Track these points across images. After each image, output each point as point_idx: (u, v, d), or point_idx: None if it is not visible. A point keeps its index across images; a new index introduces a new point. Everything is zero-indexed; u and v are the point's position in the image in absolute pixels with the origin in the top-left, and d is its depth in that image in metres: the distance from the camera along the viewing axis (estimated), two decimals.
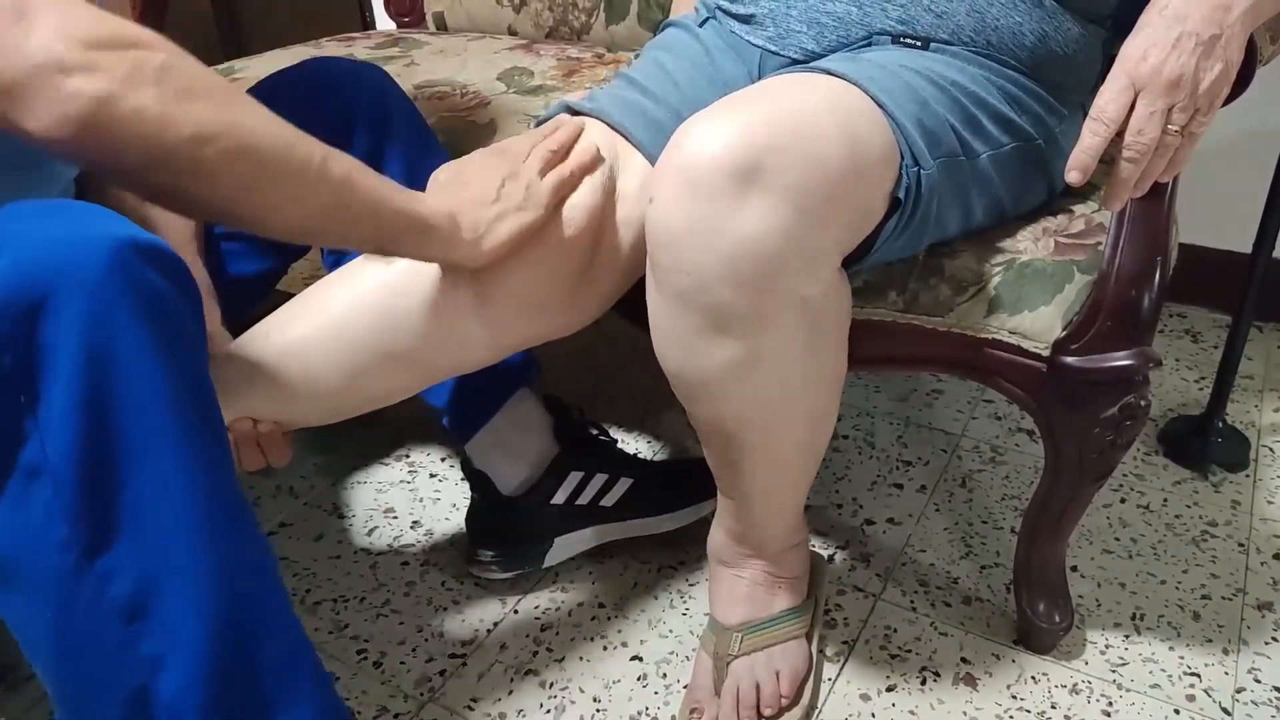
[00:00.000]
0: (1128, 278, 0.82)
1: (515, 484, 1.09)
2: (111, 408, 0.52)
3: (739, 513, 0.93)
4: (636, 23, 1.44)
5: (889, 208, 0.77)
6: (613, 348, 0.81)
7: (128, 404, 0.53)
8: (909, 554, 1.15)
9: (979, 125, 0.82)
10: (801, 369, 0.79)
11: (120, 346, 0.53)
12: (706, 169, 0.68)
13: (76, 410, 0.51)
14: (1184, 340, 1.56)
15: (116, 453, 0.53)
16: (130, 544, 0.54)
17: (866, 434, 1.36)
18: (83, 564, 0.53)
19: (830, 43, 0.88)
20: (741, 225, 0.69)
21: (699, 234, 0.70)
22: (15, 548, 0.53)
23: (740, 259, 0.69)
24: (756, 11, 0.92)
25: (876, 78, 0.78)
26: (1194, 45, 0.71)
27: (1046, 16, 0.85)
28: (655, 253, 0.73)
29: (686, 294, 0.72)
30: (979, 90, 0.83)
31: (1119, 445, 0.86)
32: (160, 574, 0.54)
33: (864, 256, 0.80)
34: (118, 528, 0.53)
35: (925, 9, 0.85)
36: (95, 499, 0.53)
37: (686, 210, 0.70)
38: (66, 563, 0.53)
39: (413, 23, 1.69)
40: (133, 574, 0.54)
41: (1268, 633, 1.03)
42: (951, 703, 0.97)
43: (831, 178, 0.70)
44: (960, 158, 0.81)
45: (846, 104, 0.74)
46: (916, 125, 0.77)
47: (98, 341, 0.52)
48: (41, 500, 0.52)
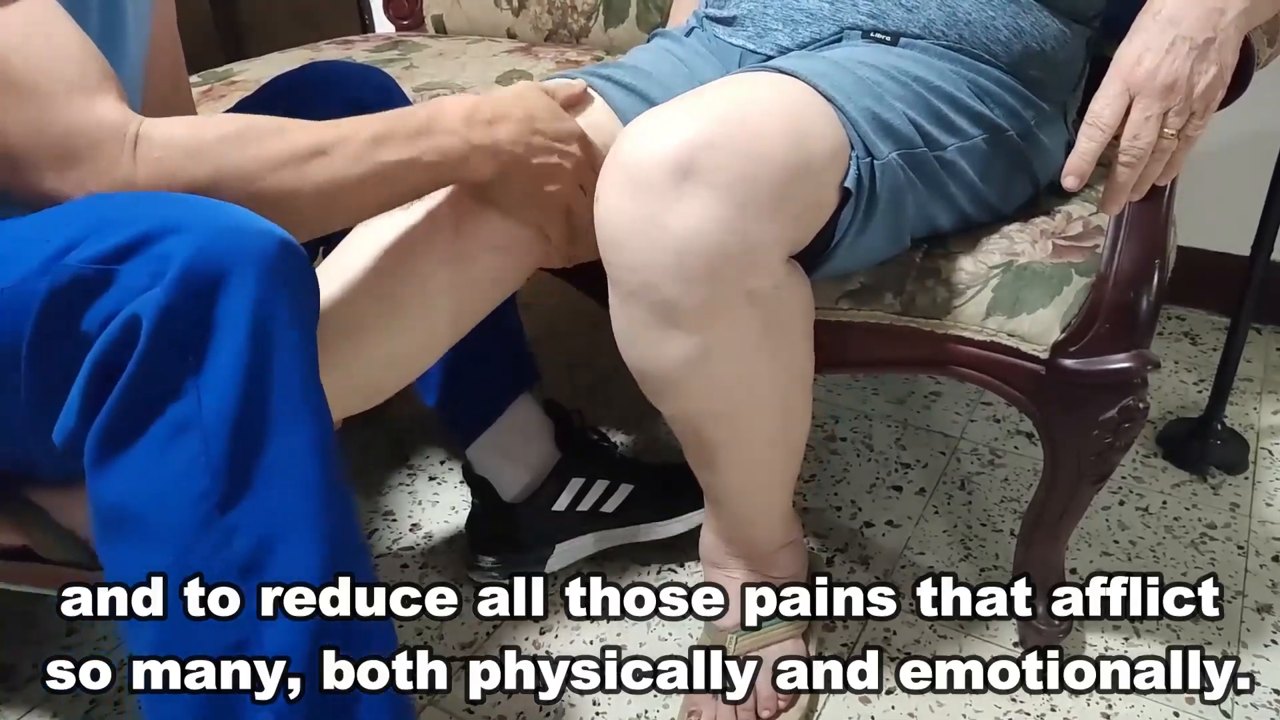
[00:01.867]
0: (1126, 280, 0.82)
1: (517, 490, 1.09)
2: (268, 377, 0.58)
3: (722, 513, 0.93)
4: (635, 26, 1.44)
5: (842, 199, 0.77)
6: (609, 351, 0.81)
7: (280, 375, 0.59)
8: (908, 556, 1.15)
9: (944, 118, 0.82)
10: (760, 363, 0.80)
11: (278, 325, 0.59)
12: (645, 166, 0.70)
13: (240, 376, 0.57)
14: (1183, 342, 1.56)
15: (264, 418, 0.58)
16: (257, 504, 0.58)
17: (865, 436, 1.36)
18: (213, 516, 0.57)
19: (803, 38, 0.89)
20: (681, 220, 0.69)
21: (641, 230, 0.71)
22: (148, 496, 0.57)
23: (682, 254, 0.70)
24: (738, 13, 0.94)
25: (828, 73, 0.79)
26: (1188, 49, 0.72)
27: (1021, 12, 0.85)
28: (605, 251, 0.75)
29: (636, 290, 0.74)
30: (945, 84, 0.83)
31: (1117, 447, 0.86)
32: (279, 535, 0.59)
33: (827, 251, 0.81)
34: (250, 487, 0.58)
35: (896, 4, 0.86)
36: (238, 457, 0.57)
37: (628, 207, 0.71)
38: (198, 514, 0.57)
39: (412, 25, 1.69)
40: (255, 532, 0.58)
41: (1267, 635, 1.03)
42: (951, 705, 0.97)
43: (773, 172, 0.71)
44: (921, 149, 0.81)
45: (792, 100, 0.75)
46: (869, 118, 0.78)
47: (263, 318, 0.58)
48: (187, 453, 0.57)
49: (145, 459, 0.57)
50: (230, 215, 0.60)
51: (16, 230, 0.60)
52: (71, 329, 0.57)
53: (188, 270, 0.56)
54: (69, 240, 0.57)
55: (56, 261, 0.57)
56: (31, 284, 0.57)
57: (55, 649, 1.07)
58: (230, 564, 0.58)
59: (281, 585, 0.59)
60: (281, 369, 0.59)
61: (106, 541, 0.60)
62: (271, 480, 0.59)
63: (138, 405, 0.57)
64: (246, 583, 0.58)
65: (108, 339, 0.56)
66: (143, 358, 0.56)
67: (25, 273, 0.57)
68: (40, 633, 1.09)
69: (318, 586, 0.59)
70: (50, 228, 0.59)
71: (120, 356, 0.56)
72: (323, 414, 0.62)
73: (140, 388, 0.56)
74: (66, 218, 0.60)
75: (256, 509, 0.58)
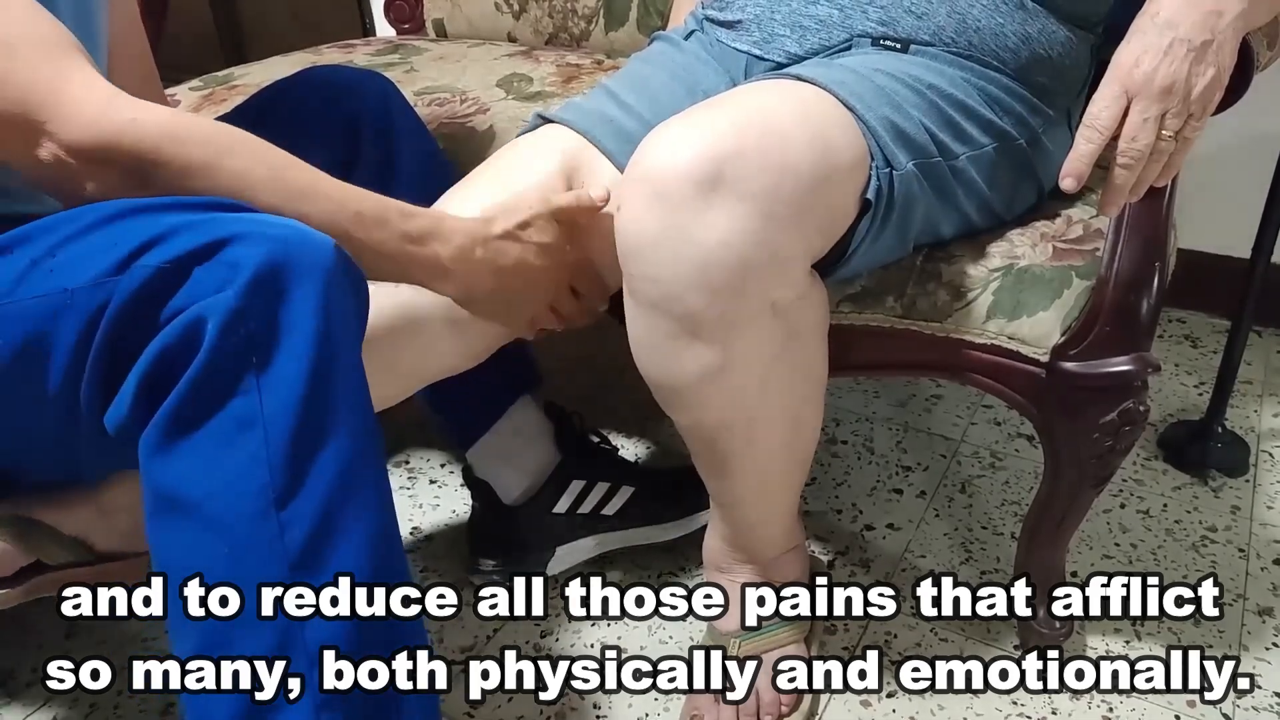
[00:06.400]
0: (1126, 283, 0.82)
1: (517, 493, 1.09)
2: (329, 380, 0.61)
3: (729, 518, 0.93)
4: (636, 29, 1.45)
5: (860, 209, 0.77)
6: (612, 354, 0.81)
7: (340, 378, 0.62)
8: (909, 559, 1.15)
9: (956, 127, 0.82)
10: (778, 374, 0.79)
11: (339, 329, 0.62)
12: (671, 177, 0.69)
13: (305, 376, 0.60)
14: (1183, 345, 1.56)
15: (324, 419, 0.61)
16: (312, 501, 0.60)
17: (866, 439, 1.36)
18: (270, 510, 0.59)
19: (812, 45, 0.89)
20: (708, 232, 0.69)
21: (666, 242, 0.70)
22: (210, 484, 0.59)
23: (708, 266, 0.70)
24: (742, 17, 0.93)
25: (847, 81, 0.78)
26: (1186, 51, 0.72)
27: (1030, 19, 0.85)
28: (625, 262, 0.74)
29: (657, 302, 0.73)
30: (957, 92, 0.83)
31: (1118, 450, 0.86)
32: (331, 532, 0.61)
33: (842, 259, 0.80)
34: (306, 484, 0.60)
35: (906, 10, 0.86)
36: (299, 454, 0.60)
37: (653, 218, 0.70)
38: (257, 506, 0.59)
39: (412, 29, 1.69)
40: (308, 528, 0.60)
41: (1268, 638, 1.03)
42: (952, 708, 0.97)
43: (799, 183, 0.70)
44: (936, 159, 0.81)
45: (814, 109, 0.75)
46: (888, 127, 0.78)
47: (326, 322, 0.61)
48: (250, 448, 0.59)
49: (207, 450, 0.59)
50: (288, 225, 0.63)
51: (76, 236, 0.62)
52: (149, 324, 0.60)
53: (257, 275, 0.59)
54: (142, 242, 0.60)
55: (133, 262, 0.59)
56: (106, 284, 0.59)
57: (54, 652, 1.07)
58: (283, 556, 0.60)
59: (330, 585, 0.60)
60: (341, 373, 0.62)
61: (160, 524, 0.61)
62: (328, 479, 0.61)
63: (202, 400, 0.59)
64: (295, 578, 0.60)
65: (169, 336, 0.59)
66: (210, 355, 0.58)
67: (97, 273, 0.60)
68: (38, 636, 1.09)
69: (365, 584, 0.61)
70: (114, 233, 0.61)
71: (181, 353, 0.59)
72: (373, 419, 0.65)
73: (206, 383, 0.59)
74: (131, 224, 0.62)
75: (311, 506, 0.60)
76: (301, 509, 0.60)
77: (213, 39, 2.46)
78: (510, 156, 0.91)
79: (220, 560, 0.60)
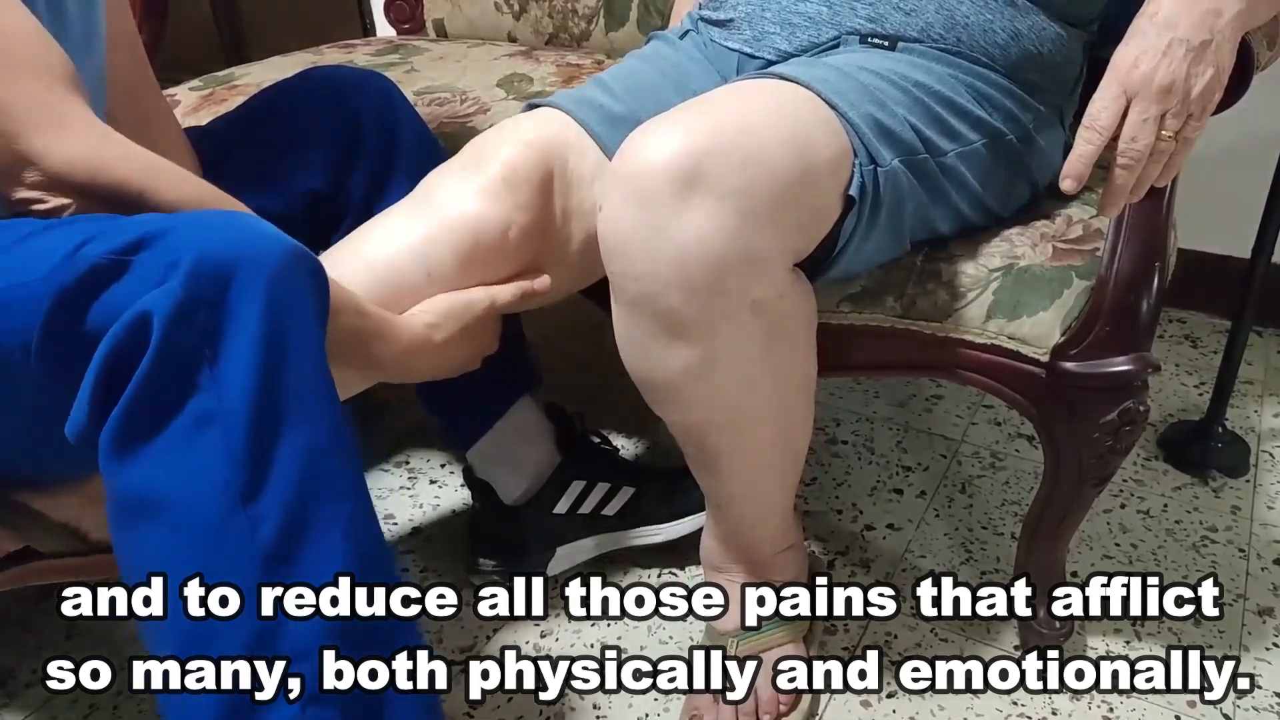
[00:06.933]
0: (1126, 283, 0.82)
1: (518, 493, 1.09)
2: (283, 369, 0.60)
3: (723, 516, 0.93)
4: (636, 29, 1.45)
5: (845, 207, 0.78)
6: (612, 354, 0.81)
7: (295, 367, 0.61)
8: (909, 559, 1.15)
9: (944, 123, 0.83)
10: (763, 372, 0.80)
11: (291, 318, 0.61)
12: (649, 176, 0.70)
13: (256, 367, 0.59)
14: (1183, 345, 1.56)
15: (282, 409, 0.60)
16: (280, 494, 0.59)
17: (866, 439, 1.36)
18: (238, 506, 0.58)
19: (801, 42, 0.89)
20: (684, 230, 0.69)
21: (644, 240, 0.71)
22: (174, 486, 0.58)
23: (686, 263, 0.70)
24: (734, 16, 0.93)
25: (829, 79, 0.78)
26: (1185, 51, 0.72)
27: (1019, 15, 0.85)
28: (607, 260, 0.75)
29: (638, 299, 0.74)
30: (944, 89, 0.83)
31: (1118, 450, 0.86)
32: (304, 525, 0.60)
33: (831, 257, 0.81)
34: (272, 477, 0.59)
35: (894, 7, 0.86)
36: (259, 447, 0.59)
37: (631, 217, 0.71)
38: (224, 503, 0.58)
39: (413, 29, 1.69)
40: (280, 521, 0.59)
41: (1269, 638, 1.03)
42: (952, 709, 0.97)
43: (776, 180, 0.71)
44: (923, 155, 0.81)
45: (795, 107, 0.75)
46: (872, 124, 0.78)
47: (276, 311, 0.60)
48: (210, 444, 0.58)
49: (168, 451, 0.58)
50: (239, 217, 0.62)
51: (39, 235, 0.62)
52: (86, 319, 0.59)
53: (199, 263, 0.58)
54: (85, 237, 0.60)
55: (73, 256, 0.59)
56: (51, 278, 0.59)
57: (54, 652, 1.07)
58: (256, 555, 0.59)
59: (305, 581, 0.59)
60: (297, 362, 0.61)
61: (126, 527, 0.60)
62: (294, 471, 0.60)
63: (156, 398, 0.58)
64: (270, 576, 0.59)
65: (116, 335, 0.57)
66: (159, 351, 0.57)
67: (46, 269, 0.59)
68: (38, 636, 1.09)
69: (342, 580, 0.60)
70: (68, 230, 0.61)
71: (130, 352, 0.57)
72: (337, 408, 0.64)
73: (157, 381, 0.58)
74: (83, 223, 0.62)
75: (280, 499, 0.59)
76: (270, 503, 0.59)
77: (213, 39, 2.46)
78: (491, 136, 0.91)
79: (191, 561, 0.58)
